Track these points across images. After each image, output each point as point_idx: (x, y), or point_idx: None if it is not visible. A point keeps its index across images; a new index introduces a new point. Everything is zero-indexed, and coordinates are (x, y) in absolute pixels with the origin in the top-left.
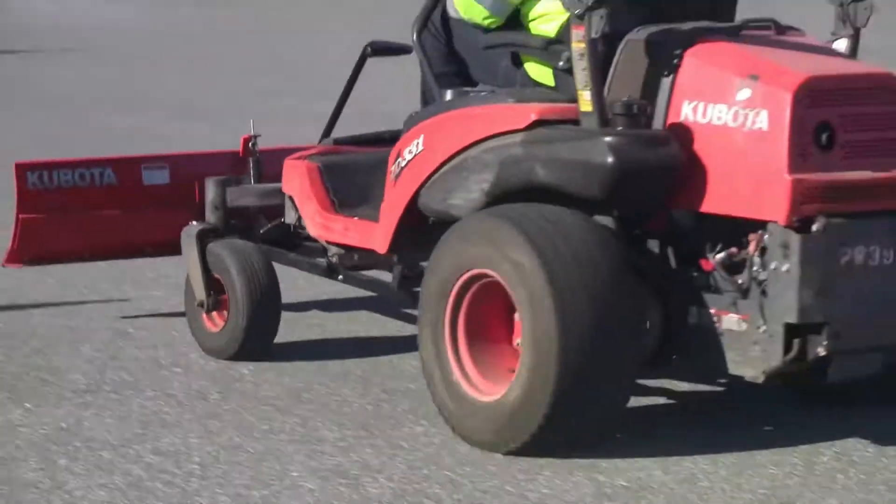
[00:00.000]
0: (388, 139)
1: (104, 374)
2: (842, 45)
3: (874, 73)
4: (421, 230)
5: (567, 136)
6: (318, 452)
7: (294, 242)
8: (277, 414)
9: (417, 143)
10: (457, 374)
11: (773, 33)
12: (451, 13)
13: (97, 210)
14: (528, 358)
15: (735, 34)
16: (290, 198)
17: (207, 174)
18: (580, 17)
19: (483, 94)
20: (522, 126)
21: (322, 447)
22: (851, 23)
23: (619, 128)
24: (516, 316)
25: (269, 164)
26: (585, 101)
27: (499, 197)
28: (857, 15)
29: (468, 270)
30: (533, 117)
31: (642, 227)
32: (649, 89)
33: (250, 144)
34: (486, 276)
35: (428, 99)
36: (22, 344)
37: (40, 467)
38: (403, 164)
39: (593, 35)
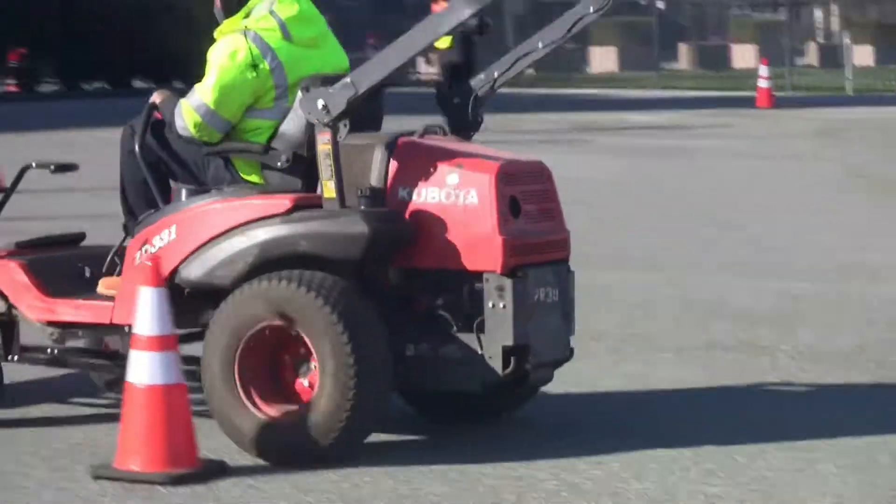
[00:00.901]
0: (60, 241)
1: None
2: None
3: (531, 160)
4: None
5: (325, 216)
6: None
7: None
8: None
9: (168, 232)
10: (247, 403)
11: (443, 137)
12: (181, 131)
13: None
14: (329, 385)
15: (421, 137)
16: None
17: None
18: (328, 125)
19: (228, 190)
20: (282, 211)
21: None
22: (461, 125)
23: (362, 207)
24: (300, 355)
25: None
26: (329, 189)
27: (259, 268)
28: (471, 117)
29: (259, 323)
30: (288, 204)
31: (378, 283)
32: (363, 180)
33: None
34: (278, 327)
35: (132, 200)
36: (470, 493)
37: None
38: (153, 249)
39: (339, 139)
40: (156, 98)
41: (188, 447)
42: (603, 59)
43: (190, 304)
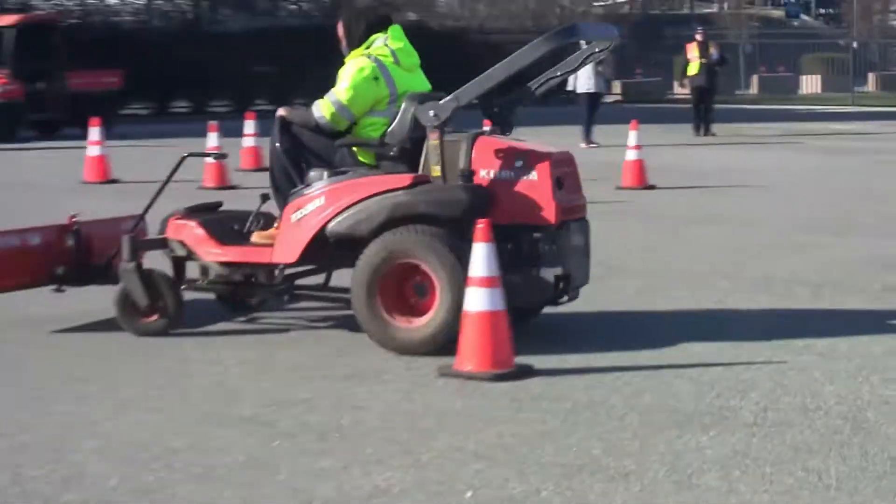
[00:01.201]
0: (210, 207)
1: (766, 413)
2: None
3: (563, 151)
4: (314, 247)
5: (438, 189)
6: None
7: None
8: None
9: (318, 200)
10: (383, 314)
11: (499, 133)
12: (318, 119)
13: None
14: (445, 302)
15: (491, 135)
16: (180, 241)
17: (53, 240)
18: (437, 127)
19: (360, 171)
20: (405, 185)
21: None
22: (502, 126)
23: (464, 183)
24: (417, 282)
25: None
26: (436, 171)
27: (387, 224)
28: (507, 120)
29: (398, 260)
30: (409, 181)
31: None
32: (454, 164)
33: (71, 219)
34: (406, 263)
35: (279, 181)
36: (708, 389)
37: (720, 479)
38: (306, 212)
39: (445, 138)
40: (281, 112)
41: (507, 355)
42: (810, 83)
43: (328, 249)
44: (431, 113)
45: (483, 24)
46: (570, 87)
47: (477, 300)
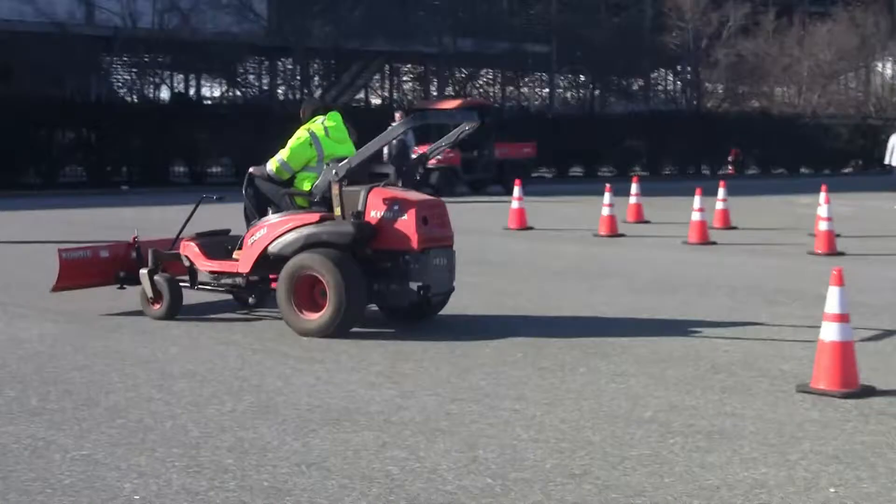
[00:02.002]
0: (216, 233)
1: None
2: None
3: (435, 199)
4: (262, 262)
5: (337, 224)
6: None
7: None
8: None
9: (263, 230)
10: (296, 310)
11: (395, 186)
12: (269, 171)
13: (96, 266)
14: (332, 303)
15: (383, 187)
16: (187, 257)
17: (120, 253)
18: (338, 182)
19: (291, 212)
20: (314, 221)
21: None
22: (405, 179)
23: (353, 220)
24: (322, 288)
25: (143, 247)
26: (338, 212)
27: (303, 247)
28: (412, 173)
29: (305, 272)
30: (317, 218)
31: (359, 256)
32: (353, 207)
33: (134, 238)
34: (311, 274)
35: (249, 216)
36: None
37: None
38: (257, 237)
39: (347, 188)
40: (251, 169)
41: (853, 376)
42: None
43: (272, 263)
44: (333, 172)
45: (815, 109)
46: (886, 162)
47: (831, 332)
